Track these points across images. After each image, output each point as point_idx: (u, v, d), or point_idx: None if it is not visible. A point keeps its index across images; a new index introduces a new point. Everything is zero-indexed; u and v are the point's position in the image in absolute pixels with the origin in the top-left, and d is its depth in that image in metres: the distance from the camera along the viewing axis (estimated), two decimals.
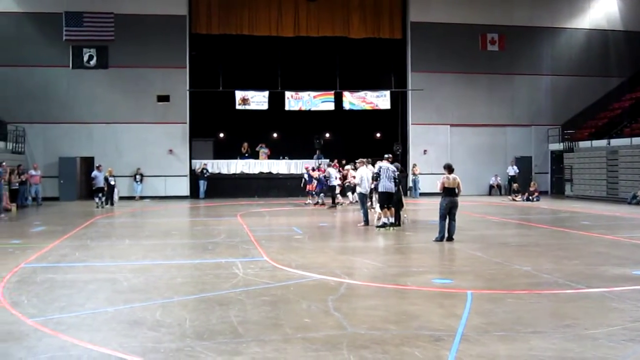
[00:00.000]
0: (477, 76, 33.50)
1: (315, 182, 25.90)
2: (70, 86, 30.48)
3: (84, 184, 30.96)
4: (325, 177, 25.55)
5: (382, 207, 16.31)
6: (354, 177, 23.91)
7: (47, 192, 28.63)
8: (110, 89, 30.69)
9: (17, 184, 25.07)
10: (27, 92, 29.88)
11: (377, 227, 16.22)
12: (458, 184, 13.73)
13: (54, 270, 10.47)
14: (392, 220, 16.28)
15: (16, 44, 30.04)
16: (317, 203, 25.70)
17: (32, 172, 27.08)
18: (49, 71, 30.28)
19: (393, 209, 16.37)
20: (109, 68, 30.56)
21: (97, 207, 24.81)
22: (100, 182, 25.49)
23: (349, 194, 25.83)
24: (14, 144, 28.92)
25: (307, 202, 26.42)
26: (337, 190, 25.21)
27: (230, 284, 8.99)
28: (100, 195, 25.37)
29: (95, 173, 25.73)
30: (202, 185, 30.96)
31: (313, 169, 26.70)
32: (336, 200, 24.97)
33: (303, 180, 27.39)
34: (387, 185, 16.05)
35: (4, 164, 23.73)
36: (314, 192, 26.14)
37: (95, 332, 6.66)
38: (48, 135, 30.10)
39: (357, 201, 25.67)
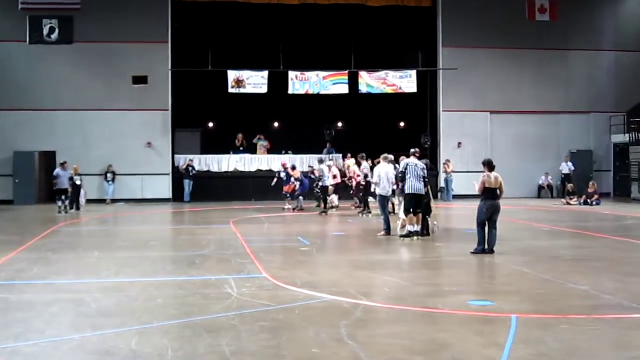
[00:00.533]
0: (523, 52, 33.46)
1: (295, 183, 25.65)
2: (27, 66, 30.61)
3: (44, 185, 31.02)
4: (312, 177, 25.53)
5: (408, 213, 16.29)
6: (358, 175, 24.00)
7: None
8: (76, 69, 30.81)
9: None
10: None
11: (401, 236, 16.20)
12: (500, 184, 13.68)
13: (8, 288, 10.50)
14: (418, 228, 16.25)
15: None
16: (295, 208, 25.67)
17: None
18: (1, 47, 30.45)
19: (420, 214, 16.34)
20: (75, 43, 30.63)
21: (60, 212, 24.80)
22: (64, 183, 25.47)
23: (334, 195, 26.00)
24: None
25: (285, 207, 25.97)
26: (331, 191, 25.26)
27: (222, 307, 8.99)
28: (63, 198, 25.38)
29: (58, 171, 25.73)
30: (188, 185, 31.04)
31: (293, 168, 26.54)
32: (329, 205, 24.93)
33: (276, 179, 27.16)
34: (415, 185, 16.00)
35: None
36: (289, 195, 26.04)
37: None
38: (1, 125, 30.22)
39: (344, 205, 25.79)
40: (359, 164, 24.38)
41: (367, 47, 33.13)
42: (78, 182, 26.49)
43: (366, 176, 23.19)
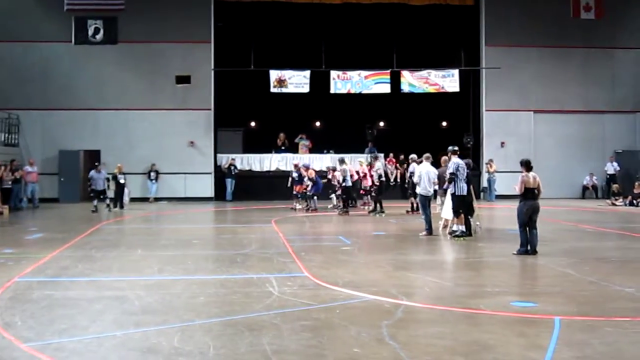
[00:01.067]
0: (567, 50, 33.10)
1: (309, 183, 25.49)
2: (72, 66, 31.06)
3: (88, 183, 31.47)
4: (329, 178, 25.36)
5: (457, 214, 16.31)
6: (364, 173, 23.86)
7: (45, 192, 29.23)
8: (120, 69, 31.20)
9: (10, 183, 25.59)
10: (22, 72, 30.58)
11: (454, 236, 16.26)
12: (538, 184, 13.65)
13: (53, 285, 10.66)
14: (463, 228, 16.24)
15: (8, 17, 30.75)
16: (309, 209, 25.46)
17: (28, 168, 27.54)
18: (48, 48, 30.94)
19: (462, 215, 16.33)
20: (119, 43, 30.91)
21: (94, 211, 24.81)
22: (100, 184, 25.59)
23: (333, 196, 26.01)
24: (7, 135, 29.60)
25: (295, 206, 26.00)
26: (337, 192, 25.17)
27: (263, 305, 9.04)
28: (104, 198, 25.51)
29: (92, 173, 25.91)
30: (230, 184, 31.21)
31: (307, 167, 26.37)
32: (350, 204, 24.85)
33: (290, 179, 27.06)
34: (464, 187, 16.13)
35: None
36: (299, 195, 25.98)
37: None
38: (47, 124, 30.74)
39: (336, 206, 25.51)
40: (370, 165, 24.27)
41: (409, 46, 32.97)
42: (122, 181, 26.67)
43: (380, 176, 23.20)
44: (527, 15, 32.56)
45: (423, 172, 17.67)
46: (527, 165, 13.75)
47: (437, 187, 17.99)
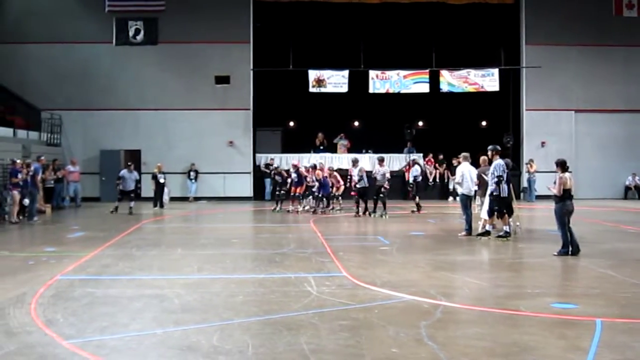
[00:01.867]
0: (609, 49, 32.70)
1: (315, 184, 24.58)
2: (113, 66, 31.44)
3: (117, 182, 31.73)
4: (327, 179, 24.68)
5: (502, 215, 16.32)
6: (352, 177, 23.62)
7: (86, 192, 29.62)
8: (160, 69, 31.50)
9: (53, 182, 25.94)
10: (64, 73, 31.03)
11: (498, 237, 16.23)
12: (571, 185, 13.72)
13: (95, 283, 10.80)
14: (508, 228, 16.21)
15: (50, 18, 31.26)
16: (315, 210, 24.60)
17: (70, 167, 27.89)
18: (89, 48, 31.37)
19: (506, 215, 16.30)
20: (159, 44, 31.33)
21: (113, 211, 24.43)
22: (129, 185, 25.13)
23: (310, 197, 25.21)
24: (49, 135, 30.05)
25: (297, 209, 25.07)
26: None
27: (302, 305, 9.06)
28: (130, 197, 25.03)
29: (123, 172, 25.46)
30: (269, 184, 31.29)
31: (314, 167, 25.11)
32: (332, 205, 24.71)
33: (289, 180, 26.03)
34: (504, 187, 16.14)
35: (42, 158, 24.65)
36: (301, 196, 25.22)
37: (141, 358, 6.84)
38: (88, 124, 31.16)
39: (310, 208, 24.87)
40: (409, 165, 24.04)
41: (448, 45, 32.85)
42: (162, 180, 26.83)
43: (360, 178, 22.97)
44: (568, 13, 32.25)
45: (465, 172, 17.60)
46: (563, 166, 13.67)
47: (476, 187, 17.90)
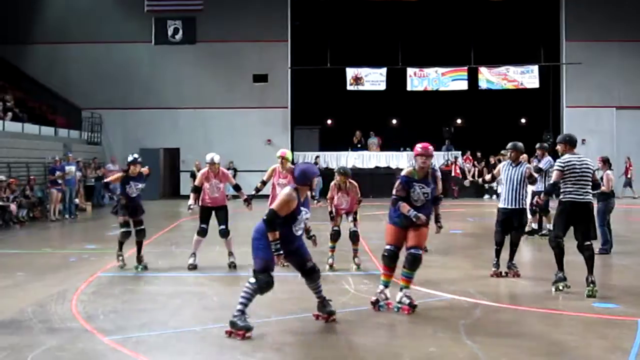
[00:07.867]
0: None
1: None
2: (152, 65, 31.74)
3: (167, 180, 32.07)
4: None
5: (547, 213, 16.17)
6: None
7: None
8: (198, 68, 31.72)
9: (93, 180, 26.30)
10: (104, 73, 31.38)
11: (541, 235, 16.12)
12: None
13: (134, 280, 10.93)
14: (549, 226, 16.11)
15: (91, 18, 31.64)
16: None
17: (110, 166, 28.16)
18: (128, 48, 31.69)
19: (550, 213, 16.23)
20: (197, 43, 31.56)
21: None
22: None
23: None
24: (90, 134, 30.44)
25: None
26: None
27: (339, 303, 9.04)
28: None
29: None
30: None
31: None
32: None
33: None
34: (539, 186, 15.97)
35: (80, 160, 24.96)
36: None
37: (180, 355, 6.91)
38: (127, 123, 31.48)
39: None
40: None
41: (486, 42, 32.59)
42: None
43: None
44: (610, 8, 31.78)
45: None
46: (608, 163, 13.61)
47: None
